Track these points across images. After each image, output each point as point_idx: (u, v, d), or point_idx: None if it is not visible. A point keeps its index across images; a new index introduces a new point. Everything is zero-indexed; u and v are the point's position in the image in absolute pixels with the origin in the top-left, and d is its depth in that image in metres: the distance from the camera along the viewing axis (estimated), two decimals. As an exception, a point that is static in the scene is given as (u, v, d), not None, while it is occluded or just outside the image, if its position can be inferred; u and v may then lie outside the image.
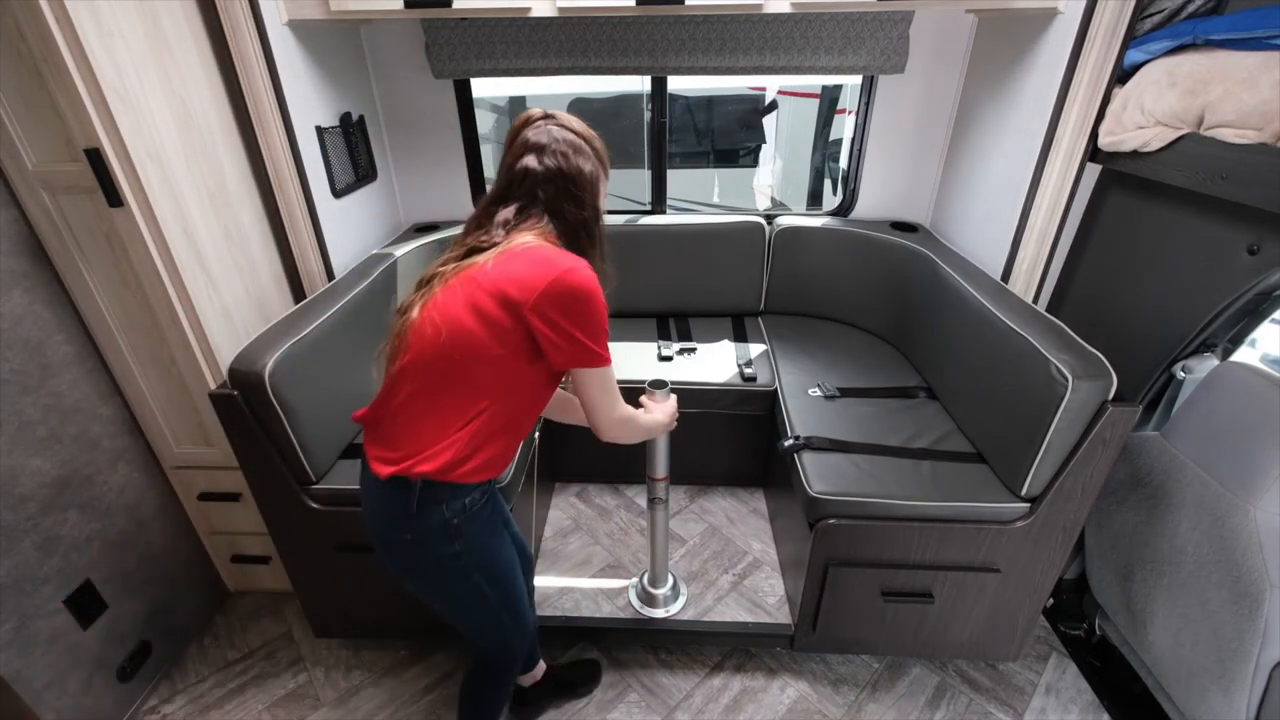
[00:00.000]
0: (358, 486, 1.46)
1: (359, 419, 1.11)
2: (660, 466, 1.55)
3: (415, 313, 1.01)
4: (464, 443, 1.02)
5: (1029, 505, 1.44)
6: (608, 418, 1.11)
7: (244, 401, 1.35)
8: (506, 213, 1.05)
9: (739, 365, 2.04)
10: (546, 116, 1.07)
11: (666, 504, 1.63)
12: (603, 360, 1.04)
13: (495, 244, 1.03)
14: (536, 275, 0.96)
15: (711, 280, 2.32)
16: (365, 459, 1.10)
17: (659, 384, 1.40)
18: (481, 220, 1.08)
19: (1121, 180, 1.61)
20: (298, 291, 1.82)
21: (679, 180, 4.18)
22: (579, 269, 0.98)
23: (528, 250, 1.00)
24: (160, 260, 1.39)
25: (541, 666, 1.63)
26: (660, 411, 1.33)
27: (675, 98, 3.98)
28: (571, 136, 1.05)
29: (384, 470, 1.03)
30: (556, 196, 1.04)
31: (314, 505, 1.48)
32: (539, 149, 1.04)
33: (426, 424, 1.02)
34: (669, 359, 2.10)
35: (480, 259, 1.01)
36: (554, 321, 0.97)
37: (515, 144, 1.07)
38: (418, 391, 1.02)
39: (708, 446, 2.18)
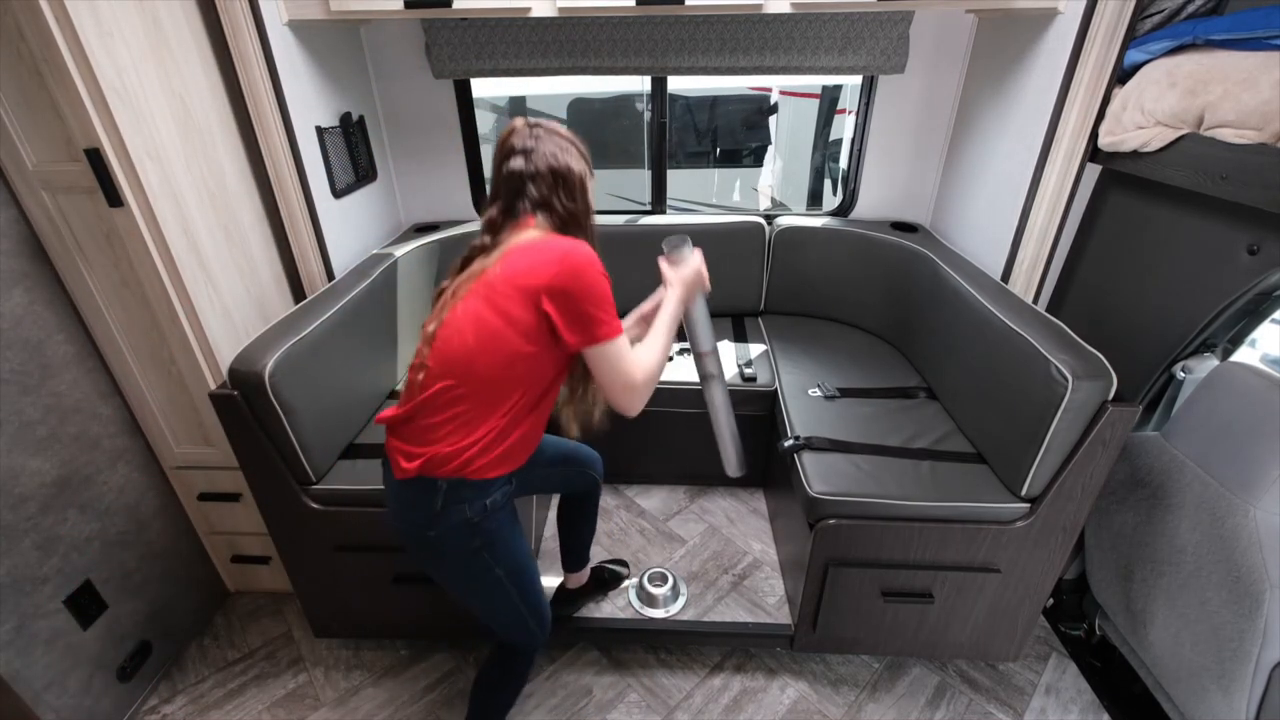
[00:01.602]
0: (358, 486, 1.48)
1: (384, 420, 1.13)
2: (704, 340, 1.36)
3: (434, 326, 1.08)
4: (493, 434, 1.06)
5: (1029, 505, 1.44)
6: (629, 388, 1.09)
7: (244, 401, 1.35)
8: (492, 211, 1.12)
9: (739, 365, 2.04)
10: (531, 125, 1.12)
11: (722, 378, 1.41)
12: (615, 329, 1.06)
13: (493, 246, 1.09)
14: (543, 262, 1.02)
15: (711, 280, 2.31)
16: (386, 459, 1.14)
17: (677, 241, 1.21)
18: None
19: (1121, 180, 1.61)
20: (298, 291, 1.82)
21: (680, 180, 4.19)
22: (578, 246, 1.05)
23: (529, 245, 1.06)
24: (160, 260, 1.40)
25: (587, 571, 1.77)
26: (681, 283, 1.23)
27: (675, 98, 3.98)
28: (558, 138, 1.11)
29: (409, 466, 1.07)
30: (549, 191, 1.09)
31: (314, 505, 1.48)
32: (526, 152, 1.09)
33: (455, 422, 1.06)
34: (669, 359, 2.09)
35: (486, 263, 1.06)
36: (564, 301, 1.02)
37: (502, 151, 1.12)
38: (446, 391, 1.05)
39: (708, 446, 2.17)
